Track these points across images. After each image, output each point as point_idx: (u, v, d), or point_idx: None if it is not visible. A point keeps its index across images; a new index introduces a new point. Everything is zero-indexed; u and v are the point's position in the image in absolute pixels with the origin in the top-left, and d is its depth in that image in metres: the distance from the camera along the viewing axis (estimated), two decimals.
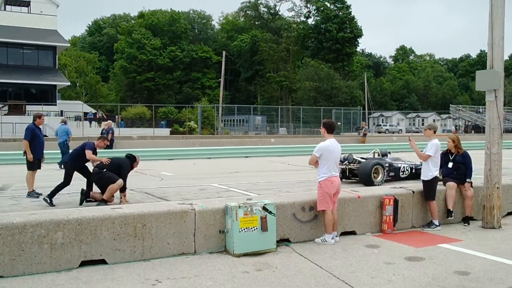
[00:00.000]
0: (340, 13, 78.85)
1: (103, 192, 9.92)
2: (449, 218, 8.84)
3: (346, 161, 13.97)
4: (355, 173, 13.92)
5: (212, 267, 6.18)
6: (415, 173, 14.22)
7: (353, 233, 7.98)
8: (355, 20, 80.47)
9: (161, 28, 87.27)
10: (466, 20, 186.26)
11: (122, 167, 10.08)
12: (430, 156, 8.57)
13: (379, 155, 15.39)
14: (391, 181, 13.51)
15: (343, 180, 12.83)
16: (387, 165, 14.10)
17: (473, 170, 9.19)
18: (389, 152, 15.65)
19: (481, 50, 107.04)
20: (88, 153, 10.22)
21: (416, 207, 8.69)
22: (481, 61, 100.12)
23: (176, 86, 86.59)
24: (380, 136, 56.91)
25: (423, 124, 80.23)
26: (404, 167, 14.65)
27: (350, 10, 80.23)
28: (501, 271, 6.14)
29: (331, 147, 7.45)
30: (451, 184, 8.90)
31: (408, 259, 6.62)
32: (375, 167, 13.51)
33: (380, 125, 79.66)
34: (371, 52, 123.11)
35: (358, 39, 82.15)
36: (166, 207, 6.84)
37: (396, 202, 8.15)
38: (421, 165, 9.20)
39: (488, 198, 8.66)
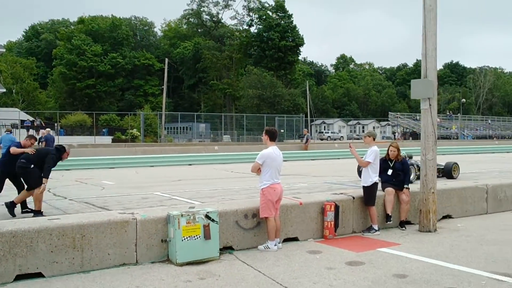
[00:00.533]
0: (282, 22, 79.97)
1: (28, 187, 9.79)
2: (389, 222, 9.08)
3: None
4: None
5: (154, 277, 6.08)
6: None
7: (295, 239, 8.07)
8: (297, 29, 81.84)
9: (102, 34, 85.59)
10: (404, 30, 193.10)
11: (47, 157, 9.77)
12: (370, 162, 8.79)
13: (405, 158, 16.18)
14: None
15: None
16: (417, 165, 15.07)
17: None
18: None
19: (417, 60, 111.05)
20: (13, 148, 9.90)
21: (356, 213, 8.89)
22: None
23: (118, 93, 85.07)
24: (322, 143, 57.90)
25: (363, 131, 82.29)
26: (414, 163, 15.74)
27: (292, 19, 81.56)
28: (437, 273, 6.36)
29: (273, 154, 7.52)
30: (390, 190, 9.16)
31: (349, 264, 6.75)
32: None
33: (322, 132, 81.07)
34: (312, 61, 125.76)
35: (300, 48, 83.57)
36: (107, 217, 6.68)
37: (337, 208, 8.31)
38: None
39: (424, 202, 8.98)
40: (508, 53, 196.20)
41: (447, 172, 16.98)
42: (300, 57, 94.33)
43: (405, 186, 9.30)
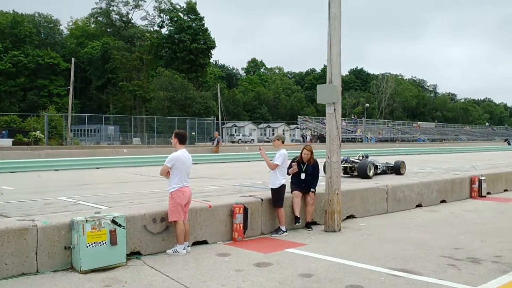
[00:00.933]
0: (194, 24, 79.66)
1: None
2: (297, 224, 9.32)
3: (346, 162, 18.79)
4: (354, 170, 18.66)
5: (56, 287, 5.83)
6: (386, 170, 19.47)
7: (205, 242, 8.07)
8: (208, 32, 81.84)
9: (1, 31, 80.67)
10: (313, 36, 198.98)
11: None
12: (278, 165, 8.98)
13: (363, 157, 19.80)
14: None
15: (345, 176, 18.11)
16: (374, 163, 18.72)
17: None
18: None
19: (324, 65, 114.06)
20: None
21: (265, 214, 9.04)
22: (324, 75, 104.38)
23: (20, 93, 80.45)
24: (233, 145, 58.22)
25: (273, 134, 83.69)
26: (380, 165, 19.23)
27: (204, 22, 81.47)
28: (341, 271, 6.62)
29: (182, 157, 7.48)
30: (297, 193, 9.40)
31: (257, 265, 6.85)
32: (369, 165, 18.21)
33: (233, 135, 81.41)
34: (224, 64, 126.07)
35: (211, 51, 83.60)
36: (4, 224, 6.31)
37: (246, 210, 8.41)
38: (387, 163, 10.53)
39: (329, 203, 9.31)
40: (407, 61, 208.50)
41: (396, 169, 19.58)
42: (211, 60, 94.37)
43: (312, 189, 9.54)
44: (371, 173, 18.06)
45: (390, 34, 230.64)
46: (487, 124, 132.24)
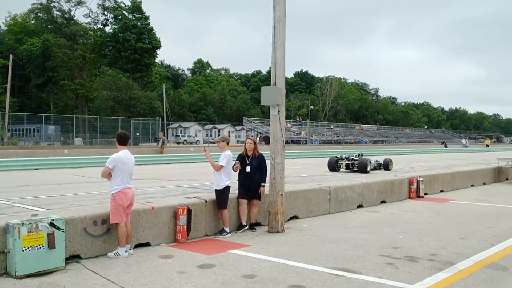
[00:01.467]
0: (139, 23, 78.41)
1: None
2: (243, 230, 9.30)
3: (347, 160, 21.86)
4: (354, 166, 21.34)
5: None
6: (377, 166, 21.91)
7: (147, 244, 7.96)
8: (154, 31, 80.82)
9: None
10: (258, 38, 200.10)
11: None
12: (222, 166, 8.97)
13: (359, 156, 22.41)
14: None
15: (347, 171, 21.32)
16: (370, 161, 21.47)
17: None
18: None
19: (270, 67, 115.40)
20: None
21: (209, 216, 9.02)
22: (270, 77, 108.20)
23: None
24: (178, 146, 57.71)
25: (219, 135, 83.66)
26: (373, 162, 21.82)
27: (149, 21, 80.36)
28: (283, 271, 6.69)
29: (124, 158, 7.35)
30: (242, 201, 9.39)
31: (200, 267, 6.82)
32: (367, 162, 20.89)
33: (179, 136, 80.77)
34: (170, 64, 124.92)
35: (156, 50, 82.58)
36: None
37: (189, 211, 8.36)
38: (377, 161, 11.28)
39: (273, 204, 9.39)
40: (351, 65, 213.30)
41: (385, 166, 21.90)
42: (157, 60, 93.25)
43: (262, 184, 9.44)
44: (368, 168, 20.73)
45: (335, 38, 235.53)
46: (426, 127, 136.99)
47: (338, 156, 22.78)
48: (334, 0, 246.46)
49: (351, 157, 22.21)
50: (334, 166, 21.73)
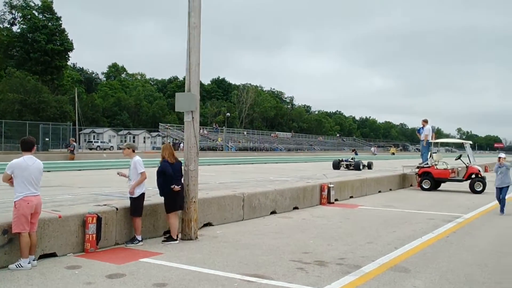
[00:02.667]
0: (50, 24, 75.13)
1: None
2: (174, 242, 9.09)
3: (346, 162, 30.59)
4: (351, 166, 29.46)
5: None
6: (366, 166, 30.34)
7: (53, 255, 7.62)
8: (66, 33, 77.69)
9: None
10: (176, 44, 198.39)
11: None
12: (144, 171, 8.81)
13: (353, 159, 31.45)
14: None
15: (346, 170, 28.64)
16: (362, 162, 29.82)
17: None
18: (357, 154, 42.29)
19: None
20: None
21: (120, 224, 8.79)
22: None
23: None
24: (91, 152, 55.88)
25: (134, 141, 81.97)
26: (364, 163, 30.42)
27: (61, 22, 77.09)
28: (195, 279, 6.65)
29: (23, 164, 6.99)
30: (172, 214, 9.16)
31: (109, 277, 6.63)
32: (360, 163, 29.49)
33: (92, 141, 78.26)
34: (83, 67, 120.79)
35: (68, 53, 79.45)
36: None
37: (99, 220, 8.11)
38: (362, 163, 25.48)
39: (186, 211, 9.32)
40: (267, 73, 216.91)
41: (369, 166, 30.48)
42: (69, 63, 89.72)
43: (171, 185, 9.18)
44: (361, 167, 28.82)
45: (252, 46, 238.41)
46: (338, 135, 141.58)
47: (340, 159, 31.34)
48: (252, 9, 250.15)
49: (349, 160, 31.16)
50: (337, 165, 30.00)
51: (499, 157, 14.22)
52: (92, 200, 12.71)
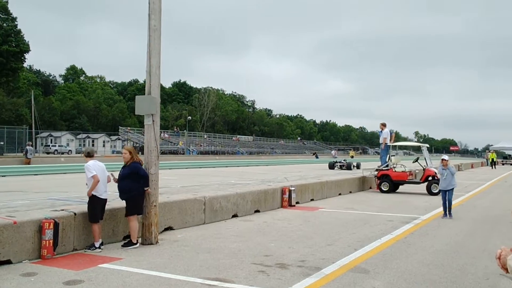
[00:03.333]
0: (5, 24, 73.10)
1: None
2: (134, 246, 8.95)
3: (340, 163, 36.59)
4: (344, 167, 34.23)
5: None
6: (356, 166, 36.20)
7: (8, 262, 7.39)
8: (22, 34, 75.71)
9: None
10: (136, 46, 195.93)
11: None
12: (96, 175, 8.62)
13: (345, 160, 37.82)
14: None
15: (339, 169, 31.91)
16: (353, 163, 34.60)
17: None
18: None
19: None
20: None
21: (78, 229, 8.61)
22: None
23: None
24: (48, 156, 54.62)
25: (93, 144, 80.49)
26: (354, 163, 36.42)
27: (16, 22, 75.08)
28: (155, 284, 6.58)
29: None
30: (132, 217, 9.02)
31: (67, 284, 6.49)
32: (351, 163, 36.20)
33: (49, 145, 76.46)
34: (40, 70, 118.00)
35: (25, 54, 77.42)
36: None
37: (56, 225, 7.92)
38: (353, 164, 30.73)
39: (147, 216, 9.21)
40: (228, 77, 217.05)
41: (357, 166, 36.49)
42: (25, 65, 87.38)
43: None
44: (351, 167, 34.65)
45: (214, 50, 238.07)
46: (299, 138, 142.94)
47: (334, 161, 35.60)
48: (215, 13, 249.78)
49: (342, 161, 36.93)
50: (332, 166, 34.73)
51: (442, 159, 14.02)
52: (49, 205, 12.44)
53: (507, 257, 2.73)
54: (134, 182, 8.99)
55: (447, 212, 13.72)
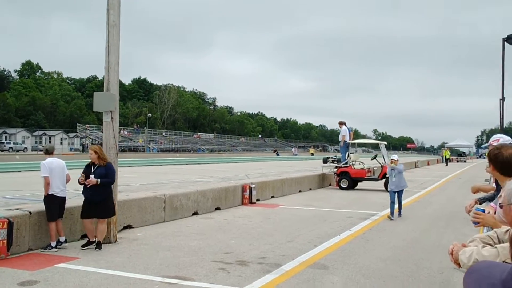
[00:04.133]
0: None
1: None
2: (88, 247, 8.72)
3: (332, 158, 25.50)
4: (335, 161, 24.87)
5: None
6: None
7: None
8: None
9: None
10: (95, 42, 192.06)
11: None
12: (46, 177, 8.41)
13: (335, 156, 26.83)
14: None
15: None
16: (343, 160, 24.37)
17: None
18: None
19: None
20: None
21: (34, 229, 8.40)
22: None
23: None
24: (2, 154, 53.04)
25: (50, 142, 78.60)
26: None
27: None
28: (114, 283, 6.49)
29: None
30: (86, 221, 8.78)
31: (21, 284, 6.33)
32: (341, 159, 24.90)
33: (3, 143, 74.26)
34: None
35: None
36: None
37: (10, 224, 7.71)
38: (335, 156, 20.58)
39: None
40: (188, 73, 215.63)
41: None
42: None
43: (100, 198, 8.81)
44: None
45: (175, 47, 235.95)
46: (260, 136, 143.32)
47: (328, 156, 29.71)
48: (175, 9, 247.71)
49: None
50: (325, 161, 29.77)
51: (392, 159, 13.32)
52: (3, 204, 12.06)
53: (459, 252, 2.82)
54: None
55: (399, 213, 13.27)
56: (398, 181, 13.13)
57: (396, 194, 13.17)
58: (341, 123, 23.75)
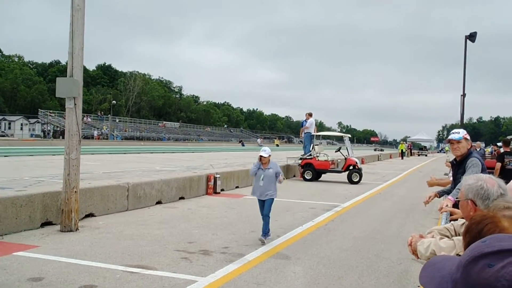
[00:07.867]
0: None
1: None
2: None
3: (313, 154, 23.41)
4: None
5: None
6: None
7: None
8: None
9: None
10: (59, 26, 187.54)
11: None
12: None
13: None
14: None
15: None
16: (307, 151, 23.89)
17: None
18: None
19: None
20: None
21: None
22: None
23: None
24: None
25: (9, 127, 76.64)
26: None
27: None
28: (74, 272, 6.40)
29: None
30: None
31: None
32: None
33: None
34: None
35: None
36: None
37: None
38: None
39: (66, 202, 8.93)
40: (155, 61, 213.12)
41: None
42: None
43: None
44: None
45: (142, 33, 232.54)
46: (225, 126, 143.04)
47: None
48: None
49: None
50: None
51: (261, 156, 8.88)
52: None
53: (417, 243, 2.90)
54: None
55: (263, 233, 8.72)
56: (265, 185, 8.99)
57: (263, 203, 9.06)
58: (309, 115, 23.92)
